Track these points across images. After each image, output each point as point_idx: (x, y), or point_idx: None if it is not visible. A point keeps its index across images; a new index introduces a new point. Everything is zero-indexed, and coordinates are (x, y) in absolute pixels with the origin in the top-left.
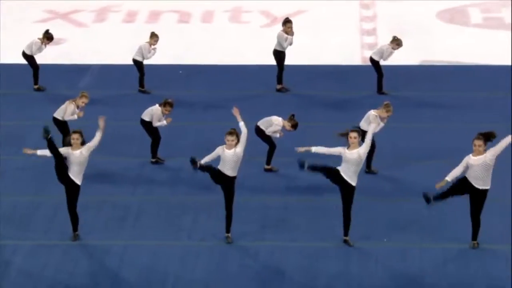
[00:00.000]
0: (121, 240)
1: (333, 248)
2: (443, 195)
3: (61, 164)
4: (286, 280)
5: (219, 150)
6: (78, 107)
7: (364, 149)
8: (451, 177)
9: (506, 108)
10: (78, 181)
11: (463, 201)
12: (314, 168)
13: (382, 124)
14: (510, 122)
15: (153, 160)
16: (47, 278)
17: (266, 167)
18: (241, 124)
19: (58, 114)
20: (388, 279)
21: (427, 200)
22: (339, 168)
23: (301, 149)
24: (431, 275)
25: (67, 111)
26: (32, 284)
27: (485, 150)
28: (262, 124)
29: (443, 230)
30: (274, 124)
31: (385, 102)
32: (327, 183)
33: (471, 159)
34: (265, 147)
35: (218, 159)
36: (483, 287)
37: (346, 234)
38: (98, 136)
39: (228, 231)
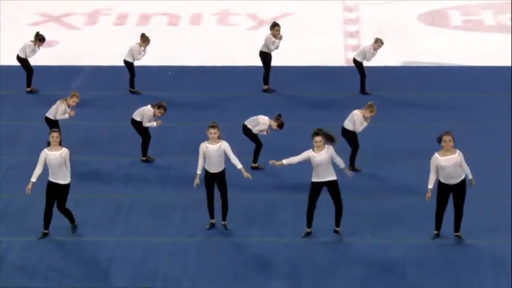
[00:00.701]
0: (113, 236)
1: (318, 244)
2: (439, 221)
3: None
4: (273, 274)
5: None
6: (69, 106)
7: (332, 150)
8: (431, 184)
9: (484, 107)
10: (64, 181)
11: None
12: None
13: (365, 124)
14: (489, 121)
15: (143, 158)
16: (41, 273)
17: (253, 165)
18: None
19: (50, 114)
20: (372, 273)
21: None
22: (313, 180)
23: (276, 163)
24: (413, 269)
25: (58, 110)
26: (27, 278)
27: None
28: (249, 123)
29: (424, 226)
30: (260, 123)
31: (369, 103)
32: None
33: (439, 159)
34: (252, 145)
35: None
36: (464, 281)
37: (337, 225)
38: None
39: (224, 219)
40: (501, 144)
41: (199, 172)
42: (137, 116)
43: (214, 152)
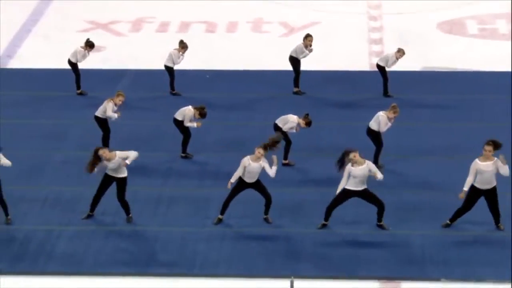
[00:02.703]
0: (154, 226)
1: (343, 235)
2: (457, 216)
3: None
4: (301, 259)
5: (245, 162)
6: (116, 105)
7: (372, 165)
8: (467, 186)
9: (497, 109)
10: (123, 174)
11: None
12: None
13: (389, 124)
14: (499, 122)
15: (183, 155)
16: (88, 259)
17: (284, 161)
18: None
19: (99, 113)
20: (392, 262)
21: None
22: (346, 187)
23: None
24: (431, 259)
25: (107, 109)
26: (75, 264)
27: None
28: (279, 121)
29: (441, 219)
30: (290, 121)
31: (393, 104)
32: (339, 176)
33: (479, 164)
34: (283, 143)
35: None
36: (479, 269)
37: (379, 220)
38: (134, 154)
39: (266, 213)
40: None
41: (233, 181)
42: (179, 116)
43: (255, 169)
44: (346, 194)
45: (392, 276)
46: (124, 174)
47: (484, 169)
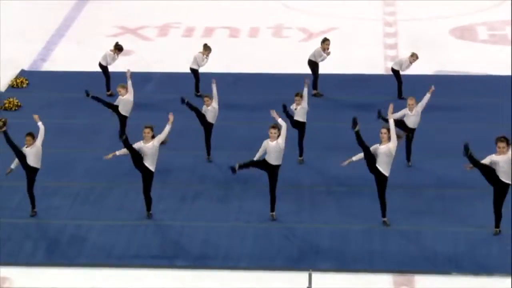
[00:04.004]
0: (179, 221)
1: (359, 230)
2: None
3: (136, 156)
4: (320, 254)
5: (264, 143)
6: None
7: (392, 143)
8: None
9: (507, 111)
10: (152, 168)
11: (472, 193)
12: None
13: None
14: (509, 125)
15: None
16: (117, 252)
17: (300, 158)
18: (280, 120)
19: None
20: (405, 256)
21: (466, 150)
22: (377, 160)
23: (345, 163)
24: (442, 254)
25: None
26: (104, 257)
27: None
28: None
29: (453, 215)
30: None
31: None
32: (356, 174)
33: (494, 157)
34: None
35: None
36: (488, 264)
37: (383, 215)
38: (167, 128)
39: (272, 210)
40: None
41: (255, 159)
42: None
43: (273, 148)
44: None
45: (405, 269)
46: (152, 167)
47: (499, 160)
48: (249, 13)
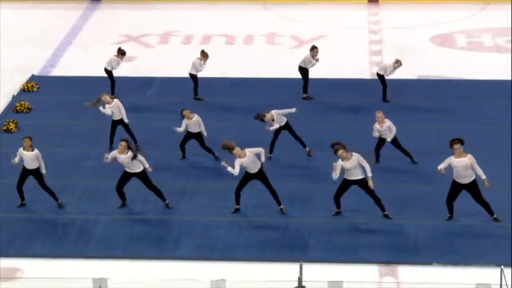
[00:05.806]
0: (178, 215)
1: (346, 224)
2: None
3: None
4: (310, 246)
5: (238, 164)
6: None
7: (362, 159)
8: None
9: (483, 113)
10: (138, 170)
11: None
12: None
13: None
14: (484, 126)
15: (216, 154)
16: (120, 244)
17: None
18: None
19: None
20: (388, 247)
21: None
22: (345, 177)
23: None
24: (423, 246)
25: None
26: (109, 249)
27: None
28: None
29: (434, 210)
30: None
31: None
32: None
33: (453, 160)
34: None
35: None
36: (466, 255)
37: (383, 210)
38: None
39: (279, 204)
40: (501, 144)
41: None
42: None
43: (248, 161)
44: (346, 183)
45: (389, 260)
46: (139, 169)
47: (457, 164)
48: (244, 22)
